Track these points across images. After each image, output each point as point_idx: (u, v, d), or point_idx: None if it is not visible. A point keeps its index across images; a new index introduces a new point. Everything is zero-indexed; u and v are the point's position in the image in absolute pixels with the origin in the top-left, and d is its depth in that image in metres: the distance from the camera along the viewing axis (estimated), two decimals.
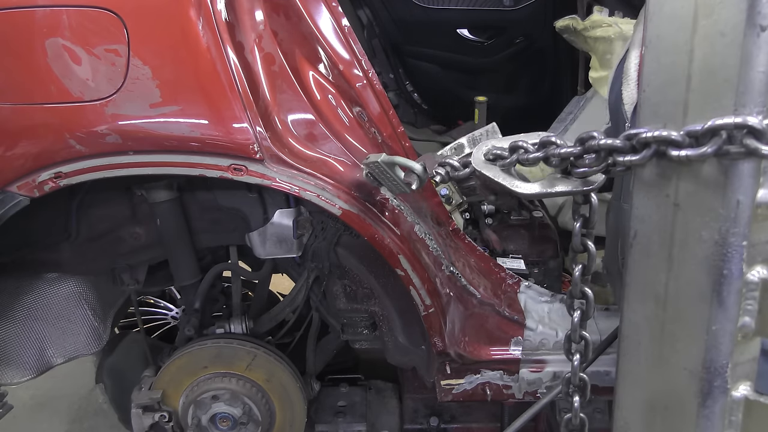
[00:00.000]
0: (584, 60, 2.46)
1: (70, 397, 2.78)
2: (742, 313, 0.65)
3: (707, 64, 0.62)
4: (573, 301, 0.86)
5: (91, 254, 1.71)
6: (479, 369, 1.75)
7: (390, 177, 1.28)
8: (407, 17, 3.13)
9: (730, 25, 0.60)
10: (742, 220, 0.63)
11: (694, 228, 0.66)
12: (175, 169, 1.41)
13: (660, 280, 0.70)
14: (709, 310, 0.66)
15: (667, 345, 0.71)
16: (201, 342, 1.82)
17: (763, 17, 0.58)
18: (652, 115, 0.67)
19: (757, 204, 0.63)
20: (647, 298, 0.72)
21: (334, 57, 1.53)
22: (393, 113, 1.59)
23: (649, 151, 0.65)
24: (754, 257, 0.64)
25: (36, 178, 1.38)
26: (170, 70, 1.35)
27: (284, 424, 1.86)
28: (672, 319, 0.70)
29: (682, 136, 0.62)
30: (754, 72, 0.59)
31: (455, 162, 1.07)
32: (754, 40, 0.58)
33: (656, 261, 0.70)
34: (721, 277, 0.65)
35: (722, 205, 0.63)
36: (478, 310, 1.70)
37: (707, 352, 0.67)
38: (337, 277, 1.77)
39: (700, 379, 0.68)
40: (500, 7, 3.09)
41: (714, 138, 0.59)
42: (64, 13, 1.32)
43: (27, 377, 1.82)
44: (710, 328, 0.66)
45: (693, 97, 0.64)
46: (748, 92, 0.59)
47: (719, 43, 0.61)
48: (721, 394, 0.68)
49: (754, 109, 0.59)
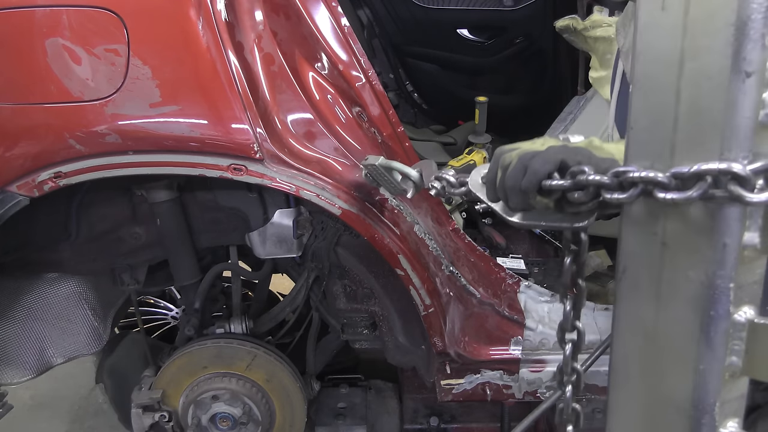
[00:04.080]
0: (584, 60, 2.46)
1: (70, 397, 2.78)
2: (729, 352, 0.66)
3: (694, 106, 0.62)
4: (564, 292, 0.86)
5: (91, 254, 1.71)
6: (479, 369, 1.75)
7: (387, 180, 1.29)
8: (407, 17, 3.12)
9: (716, 69, 0.60)
10: (728, 262, 0.64)
11: (682, 268, 0.67)
12: (175, 168, 1.41)
13: (649, 316, 0.71)
14: (697, 349, 0.67)
15: (656, 380, 0.72)
16: (201, 342, 1.82)
17: (748, 63, 0.58)
18: (640, 153, 0.68)
19: (743, 246, 0.63)
20: (637, 333, 0.73)
21: (334, 57, 1.53)
22: (393, 113, 1.59)
23: (636, 191, 0.65)
24: (741, 298, 0.65)
25: (36, 178, 1.38)
26: (170, 70, 1.35)
27: (284, 423, 1.86)
28: (661, 356, 0.72)
29: (668, 177, 0.62)
30: (740, 117, 0.59)
31: (452, 178, 1.08)
32: (740, 85, 0.59)
33: (645, 297, 0.71)
34: (708, 318, 0.66)
35: (709, 246, 0.64)
36: (477, 309, 1.70)
37: (695, 391, 0.68)
38: (337, 277, 1.77)
39: (688, 416, 0.69)
40: (500, 7, 3.08)
41: (699, 182, 0.59)
42: (64, 13, 1.32)
43: (27, 377, 1.82)
44: (698, 367, 0.68)
45: (680, 137, 0.64)
46: (734, 137, 0.60)
47: (705, 86, 0.61)
48: (709, 431, 0.69)
49: (739, 153, 0.60)
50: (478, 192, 0.96)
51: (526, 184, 0.79)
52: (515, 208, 0.86)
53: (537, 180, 0.77)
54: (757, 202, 0.57)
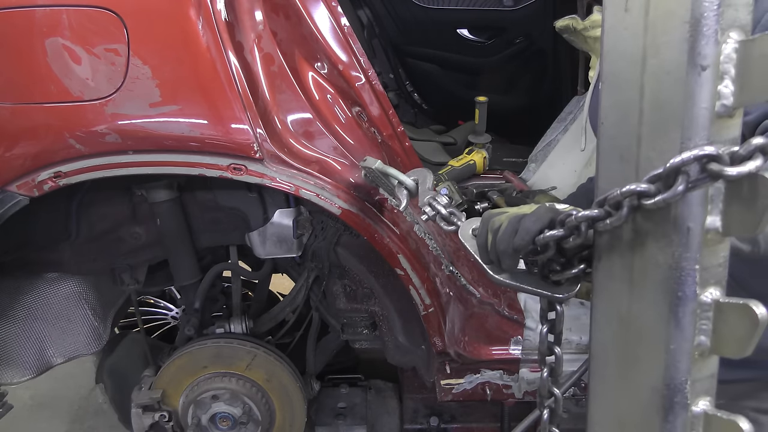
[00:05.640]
0: (584, 60, 2.45)
1: (70, 397, 2.78)
2: (698, 332, 0.70)
3: (656, 100, 0.67)
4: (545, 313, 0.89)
5: (91, 254, 1.71)
6: (479, 369, 1.75)
7: (384, 183, 1.30)
8: (407, 17, 3.12)
9: (674, 64, 0.65)
10: (693, 245, 0.68)
11: (651, 254, 0.71)
12: (175, 168, 1.41)
13: (623, 302, 0.75)
14: (666, 329, 0.71)
15: (632, 363, 0.76)
16: (201, 342, 1.82)
17: (703, 57, 0.63)
18: (610, 147, 0.73)
19: (706, 230, 0.67)
20: (612, 319, 0.77)
21: (334, 57, 1.53)
22: (393, 113, 1.59)
23: (625, 210, 0.69)
24: (707, 280, 0.69)
25: (35, 178, 1.38)
26: (170, 69, 1.35)
27: (284, 423, 1.86)
28: (635, 339, 0.75)
29: (647, 184, 0.66)
30: (698, 108, 0.64)
31: (444, 211, 1.09)
32: (696, 78, 0.64)
33: (619, 284, 0.75)
34: (676, 299, 0.70)
35: (675, 231, 0.68)
36: (477, 309, 1.70)
37: (667, 370, 0.72)
38: (337, 277, 1.77)
39: (662, 395, 0.73)
40: (500, 7, 3.08)
41: (680, 176, 0.63)
42: (64, 13, 1.32)
43: (27, 377, 1.82)
44: (669, 347, 0.71)
45: (645, 130, 0.69)
46: (693, 127, 0.65)
47: (666, 81, 0.66)
48: (681, 409, 0.72)
49: (699, 142, 0.65)
50: (467, 243, 1.00)
51: (518, 242, 0.83)
52: (507, 269, 0.90)
53: (530, 237, 0.81)
54: (738, 174, 0.60)
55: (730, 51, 0.62)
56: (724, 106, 0.64)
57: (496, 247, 0.88)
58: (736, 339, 0.67)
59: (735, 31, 0.63)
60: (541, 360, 0.89)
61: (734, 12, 0.63)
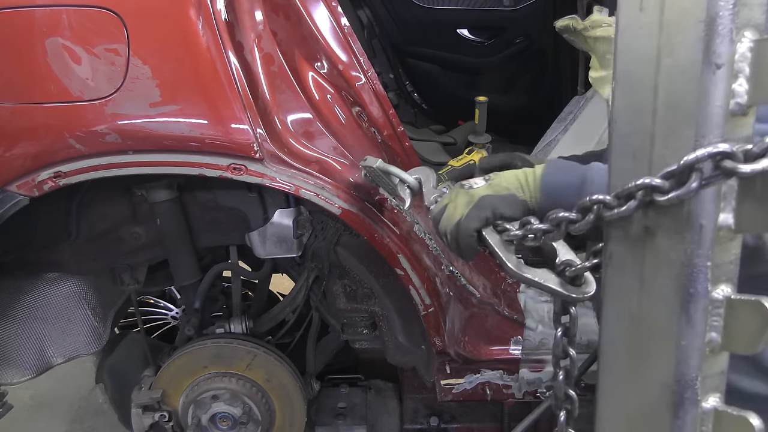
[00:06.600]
0: (584, 60, 2.46)
1: (70, 397, 2.78)
2: (709, 329, 0.70)
3: (670, 99, 0.68)
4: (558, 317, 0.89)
5: (91, 254, 1.71)
6: (479, 368, 1.75)
7: (385, 183, 1.29)
8: (407, 17, 3.13)
9: (689, 63, 0.65)
10: (705, 242, 0.68)
11: (663, 250, 0.71)
12: (175, 168, 1.41)
13: (633, 298, 0.76)
14: (678, 326, 0.71)
15: (642, 360, 0.77)
16: (201, 342, 1.82)
17: (718, 56, 0.63)
18: (623, 144, 0.73)
19: (719, 227, 0.68)
20: (623, 316, 0.78)
21: (334, 57, 1.53)
22: (393, 113, 1.59)
23: (635, 202, 0.70)
24: (719, 276, 0.70)
25: (35, 178, 1.38)
26: (170, 69, 1.35)
27: (284, 423, 1.86)
28: (645, 336, 0.76)
29: (661, 180, 0.67)
30: (712, 107, 0.65)
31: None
32: (711, 77, 0.64)
33: (630, 280, 0.75)
34: (688, 296, 0.70)
35: (687, 228, 0.68)
36: (477, 309, 1.70)
37: (677, 366, 0.72)
38: (337, 277, 1.77)
39: (672, 392, 0.73)
40: (500, 7, 3.08)
41: (694, 173, 0.64)
42: (63, 13, 1.32)
43: (27, 377, 1.82)
44: (680, 343, 0.71)
45: (658, 128, 0.69)
46: (707, 125, 0.65)
47: (680, 80, 0.66)
48: (691, 405, 0.72)
49: (713, 140, 0.65)
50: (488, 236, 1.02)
51: (463, 245, 0.93)
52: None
53: (473, 240, 0.92)
54: (751, 172, 0.61)
55: (745, 50, 0.63)
56: (738, 104, 0.64)
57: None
58: (747, 335, 0.67)
59: (750, 30, 0.63)
60: (555, 363, 0.89)
61: (749, 11, 0.63)
